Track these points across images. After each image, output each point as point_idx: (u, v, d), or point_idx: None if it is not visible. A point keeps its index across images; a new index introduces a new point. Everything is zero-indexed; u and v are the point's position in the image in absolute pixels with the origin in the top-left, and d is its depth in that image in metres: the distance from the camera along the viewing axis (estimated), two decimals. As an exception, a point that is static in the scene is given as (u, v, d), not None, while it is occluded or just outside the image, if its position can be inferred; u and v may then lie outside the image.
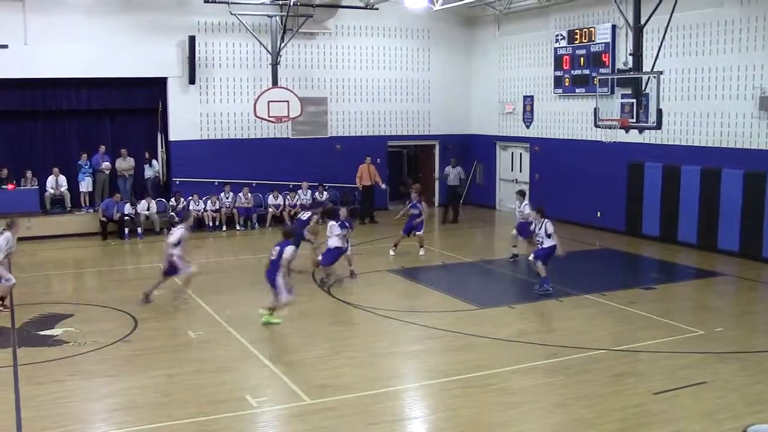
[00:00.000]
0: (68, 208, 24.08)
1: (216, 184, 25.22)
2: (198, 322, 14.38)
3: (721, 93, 20.23)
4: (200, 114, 25.48)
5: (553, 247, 16.53)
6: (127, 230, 23.14)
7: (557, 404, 10.49)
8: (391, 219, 25.41)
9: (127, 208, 23.43)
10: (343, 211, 17.93)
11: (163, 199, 24.52)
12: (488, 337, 13.32)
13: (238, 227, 24.72)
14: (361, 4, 25.03)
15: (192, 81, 24.92)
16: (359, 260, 19.65)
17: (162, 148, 25.26)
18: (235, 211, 24.89)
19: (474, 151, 29.54)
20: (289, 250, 14.04)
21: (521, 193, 20.61)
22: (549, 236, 16.47)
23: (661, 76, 17.56)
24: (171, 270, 15.46)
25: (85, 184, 24.34)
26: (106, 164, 24.49)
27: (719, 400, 10.40)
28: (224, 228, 24.39)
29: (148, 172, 25.35)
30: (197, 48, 24.75)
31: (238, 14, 24.15)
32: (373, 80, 28.03)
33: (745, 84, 19.55)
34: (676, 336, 13.35)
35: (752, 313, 15.56)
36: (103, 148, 24.64)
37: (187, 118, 25.26)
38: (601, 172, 23.51)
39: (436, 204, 29.61)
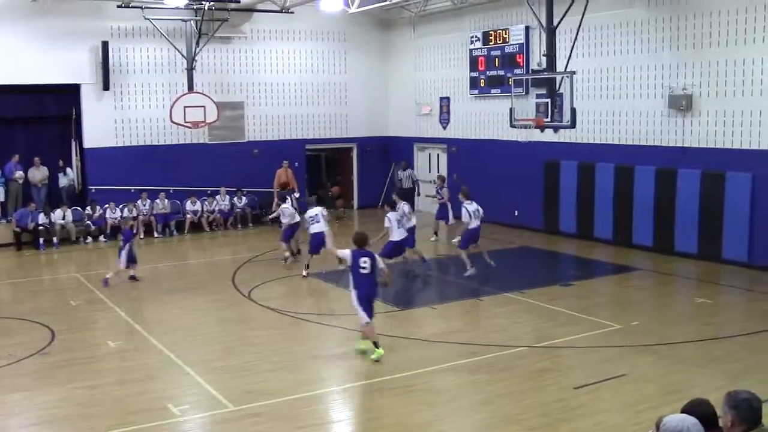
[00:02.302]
0: (-20, 220, 23.37)
1: (133, 191, 24.75)
2: (117, 332, 14.11)
3: (632, 92, 20.73)
4: (115, 120, 24.98)
5: (475, 229, 17.93)
6: (42, 240, 22.55)
7: (481, 402, 10.58)
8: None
9: (42, 218, 22.82)
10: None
11: (79, 208, 23.98)
12: (410, 338, 13.36)
13: (156, 234, 24.33)
14: (277, 8, 24.88)
15: (106, 87, 24.41)
16: (281, 264, 19.56)
17: (77, 155, 24.69)
18: (152, 218, 24.50)
19: (393, 153, 29.65)
20: (379, 258, 12.43)
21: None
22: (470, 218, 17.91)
23: (574, 76, 17.88)
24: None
25: (-2, 195, 23.63)
26: (19, 173, 23.78)
27: (638, 392, 10.63)
28: (142, 235, 23.97)
29: (63, 181, 24.74)
30: (111, 53, 24.26)
31: (152, 19, 23.74)
32: (290, 84, 27.91)
33: (654, 83, 20.07)
34: (595, 331, 13.60)
35: (667, 306, 15.98)
36: (16, 157, 23.92)
37: (102, 125, 24.73)
38: (519, 172, 23.86)
39: (356, 206, 29.66)
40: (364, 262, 11.98)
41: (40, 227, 22.72)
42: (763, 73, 17.66)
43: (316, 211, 18.24)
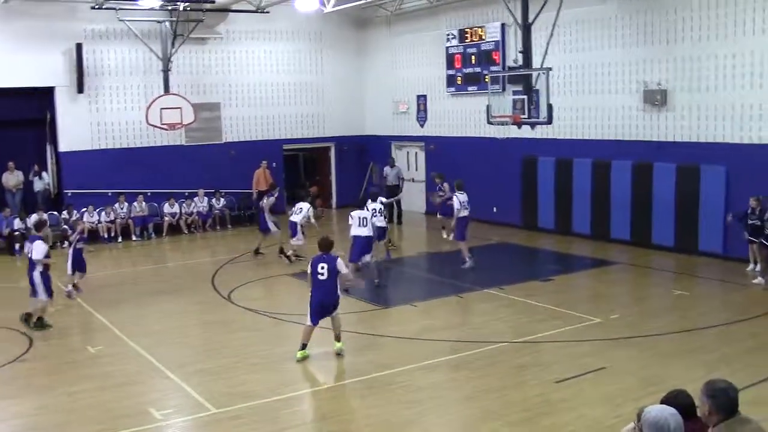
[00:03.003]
0: (-46, 225, 23.13)
1: (110, 194, 24.59)
2: (96, 337, 14.04)
3: (608, 88, 20.86)
4: (91, 123, 24.81)
5: (465, 218, 18.68)
6: (18, 246, 22.34)
7: (463, 398, 10.64)
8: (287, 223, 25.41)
9: (17, 223, 22.62)
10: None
11: (55, 212, 23.75)
12: (392, 336, 13.40)
13: (134, 238, 24.19)
14: (252, 8, 24.81)
15: (81, 90, 24.24)
16: (260, 265, 19.56)
17: (52, 159, 24.52)
18: (130, 221, 24.36)
19: (370, 152, 29.66)
20: (341, 263, 12.29)
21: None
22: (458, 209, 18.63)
23: (550, 72, 17.97)
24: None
25: (-28, 200, 23.43)
26: (-8, 178, 23.64)
27: (618, 385, 10.72)
28: (120, 239, 23.84)
29: (38, 185, 24.54)
30: (85, 56, 24.08)
31: (127, 20, 23.58)
32: (267, 84, 27.86)
33: (630, 78, 20.21)
34: (575, 325, 13.70)
35: (645, 299, 16.13)
36: (-11, 161, 23.77)
37: (78, 128, 24.56)
38: (496, 168, 23.94)
39: (334, 205, 29.65)
40: (322, 268, 12.05)
41: (16, 233, 22.52)
42: (735, 68, 17.84)
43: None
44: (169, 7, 23.49)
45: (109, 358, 12.84)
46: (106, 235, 23.78)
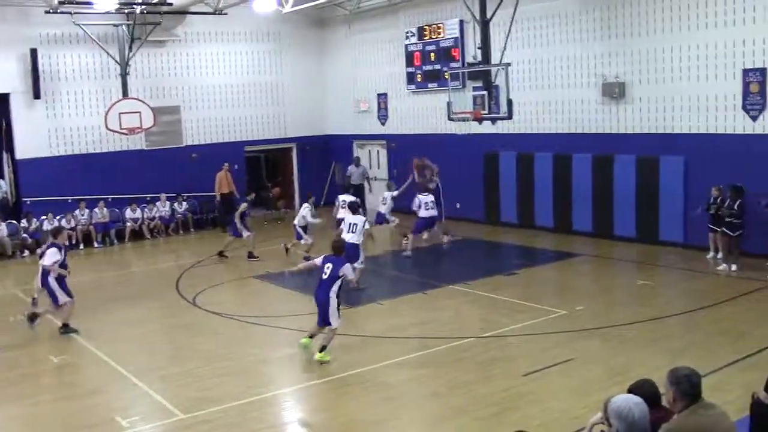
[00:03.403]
0: None
1: (70, 201, 24.28)
2: (60, 346, 13.82)
3: (567, 81, 21.01)
4: (48, 129, 24.45)
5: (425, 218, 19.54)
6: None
7: (432, 395, 10.66)
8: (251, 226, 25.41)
9: (-23, 233, 22.30)
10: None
11: (14, 221, 23.39)
12: (359, 335, 13.39)
13: (96, 244, 23.91)
14: (210, 10, 24.65)
15: (37, 96, 23.85)
16: (225, 268, 19.48)
17: (9, 167, 24.17)
18: (91, 228, 24.07)
19: (332, 151, 29.62)
20: (348, 268, 12.39)
21: (390, 185, 22.08)
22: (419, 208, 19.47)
23: (509, 67, 18.07)
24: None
25: (-72, 211, 23.01)
26: (-52, 188, 23.25)
27: (585, 375, 10.82)
28: (81, 246, 23.56)
29: (-4, 193, 24.22)
30: (40, 61, 23.72)
31: (83, 24, 23.28)
32: (226, 86, 27.69)
33: (588, 72, 20.38)
34: (541, 318, 13.78)
35: (609, 289, 16.28)
36: (-56, 171, 23.36)
37: (35, 135, 24.16)
38: (459, 164, 23.96)
39: (297, 206, 29.52)
40: (327, 268, 12.18)
41: (-24, 243, 22.20)
42: (691, 60, 18.06)
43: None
44: (126, 11, 23.23)
45: (74, 367, 12.72)
46: (67, 243, 23.41)
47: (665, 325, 13.14)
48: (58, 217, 23.43)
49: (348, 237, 16.27)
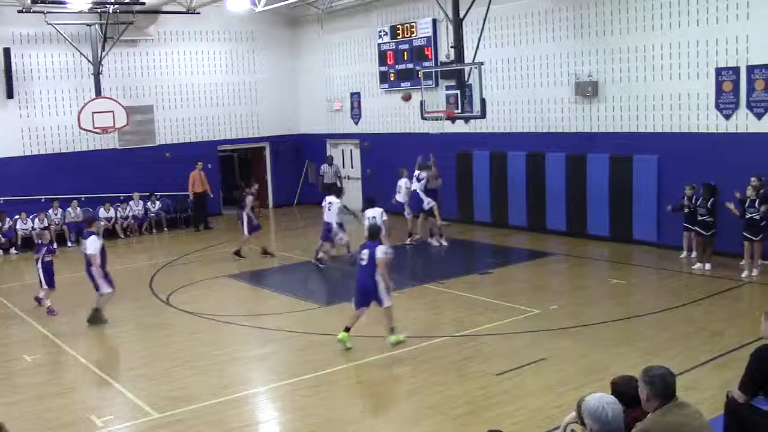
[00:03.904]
0: None
1: (43, 200, 24.06)
2: (34, 346, 13.70)
3: (540, 80, 21.06)
4: (21, 129, 24.23)
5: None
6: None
7: (406, 394, 10.65)
8: (225, 225, 25.35)
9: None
10: None
11: (-14, 221, 23.18)
12: (333, 334, 13.29)
13: (69, 244, 23.67)
14: (183, 9, 24.50)
15: (10, 95, 23.63)
16: (199, 267, 19.36)
17: (-19, 167, 23.92)
18: (65, 227, 23.87)
19: (306, 150, 29.56)
20: (381, 249, 12.45)
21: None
22: None
23: (482, 66, 18.09)
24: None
25: None
26: None
27: (560, 374, 10.83)
28: (55, 245, 23.27)
29: (-32, 194, 23.91)
30: (13, 60, 23.51)
31: (56, 24, 23.10)
32: (200, 85, 27.57)
33: (561, 71, 20.43)
34: (515, 317, 13.79)
35: (583, 288, 16.31)
36: None
37: (8, 134, 23.90)
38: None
39: (271, 205, 29.50)
40: (364, 254, 12.44)
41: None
42: (663, 59, 18.15)
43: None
44: (99, 10, 23.05)
45: (47, 366, 12.60)
46: (40, 242, 23.19)
47: (639, 324, 13.19)
48: (31, 217, 23.25)
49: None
